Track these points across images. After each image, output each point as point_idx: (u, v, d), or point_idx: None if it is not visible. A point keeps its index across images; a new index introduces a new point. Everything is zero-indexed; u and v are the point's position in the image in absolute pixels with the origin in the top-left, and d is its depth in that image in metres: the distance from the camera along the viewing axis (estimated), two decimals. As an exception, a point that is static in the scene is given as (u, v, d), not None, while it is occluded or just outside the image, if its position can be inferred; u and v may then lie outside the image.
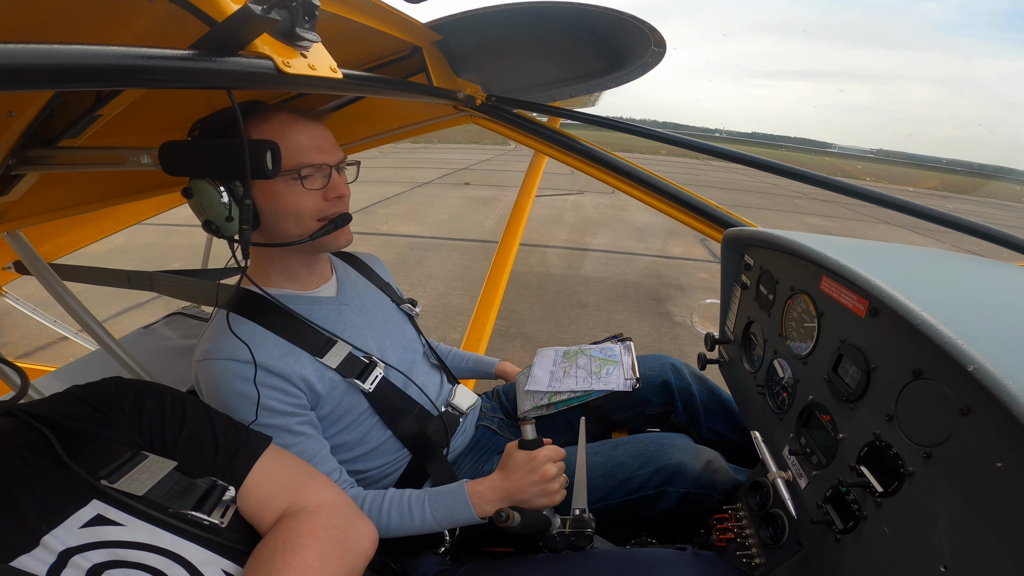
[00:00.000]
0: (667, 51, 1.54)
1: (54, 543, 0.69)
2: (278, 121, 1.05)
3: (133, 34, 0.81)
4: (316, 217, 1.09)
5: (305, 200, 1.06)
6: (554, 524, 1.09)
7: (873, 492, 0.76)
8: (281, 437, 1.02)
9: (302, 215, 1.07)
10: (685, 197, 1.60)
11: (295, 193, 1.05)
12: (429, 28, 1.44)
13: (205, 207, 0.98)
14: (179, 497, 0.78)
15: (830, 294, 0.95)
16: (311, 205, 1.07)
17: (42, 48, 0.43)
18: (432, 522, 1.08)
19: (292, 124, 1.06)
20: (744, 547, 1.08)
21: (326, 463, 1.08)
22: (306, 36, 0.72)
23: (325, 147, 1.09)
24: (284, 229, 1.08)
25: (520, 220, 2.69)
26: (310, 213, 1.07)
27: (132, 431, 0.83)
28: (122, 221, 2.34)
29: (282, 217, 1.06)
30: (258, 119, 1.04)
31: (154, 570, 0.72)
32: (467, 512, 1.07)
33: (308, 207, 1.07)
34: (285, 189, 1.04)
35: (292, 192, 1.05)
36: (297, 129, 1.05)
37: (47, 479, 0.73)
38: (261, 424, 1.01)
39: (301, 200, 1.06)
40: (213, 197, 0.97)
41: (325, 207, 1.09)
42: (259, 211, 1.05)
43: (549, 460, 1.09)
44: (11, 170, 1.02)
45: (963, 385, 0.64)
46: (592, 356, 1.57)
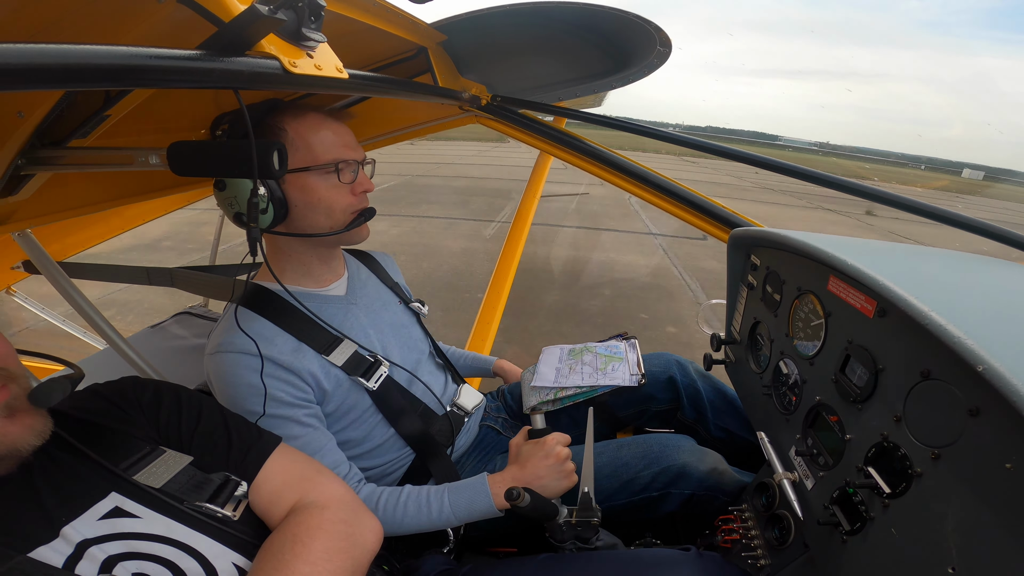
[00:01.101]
0: (672, 50, 1.54)
1: (73, 534, 0.71)
2: (313, 119, 1.11)
3: (141, 34, 0.82)
4: (348, 211, 1.14)
5: (338, 194, 1.12)
6: (561, 513, 1.10)
7: (880, 493, 0.75)
8: (288, 428, 1.05)
9: (334, 208, 1.12)
10: (691, 197, 1.59)
11: (330, 186, 1.10)
12: (434, 28, 1.44)
13: (239, 200, 1.03)
14: (194, 490, 0.81)
15: (838, 294, 0.95)
16: (343, 199, 1.13)
17: (51, 48, 0.43)
18: (450, 514, 1.09)
19: (325, 122, 1.12)
20: (749, 548, 1.07)
21: (332, 455, 1.10)
22: (312, 36, 0.72)
23: (352, 144, 1.15)
24: (314, 222, 1.12)
25: (526, 220, 2.69)
26: (342, 207, 1.13)
27: (150, 427, 0.86)
28: (130, 220, 2.35)
29: (314, 210, 1.10)
30: (290, 115, 1.09)
31: (168, 562, 0.73)
32: (487, 503, 1.09)
33: (341, 201, 1.12)
34: (320, 182, 1.09)
35: (327, 185, 1.10)
36: (329, 127, 1.12)
37: (68, 472, 0.75)
38: (269, 415, 1.04)
39: (335, 194, 1.11)
40: (248, 191, 1.00)
41: (354, 202, 1.15)
42: (289, 203, 1.09)
43: (559, 443, 1.15)
44: (20, 170, 1.03)
45: (972, 386, 0.64)
46: (598, 353, 1.58)
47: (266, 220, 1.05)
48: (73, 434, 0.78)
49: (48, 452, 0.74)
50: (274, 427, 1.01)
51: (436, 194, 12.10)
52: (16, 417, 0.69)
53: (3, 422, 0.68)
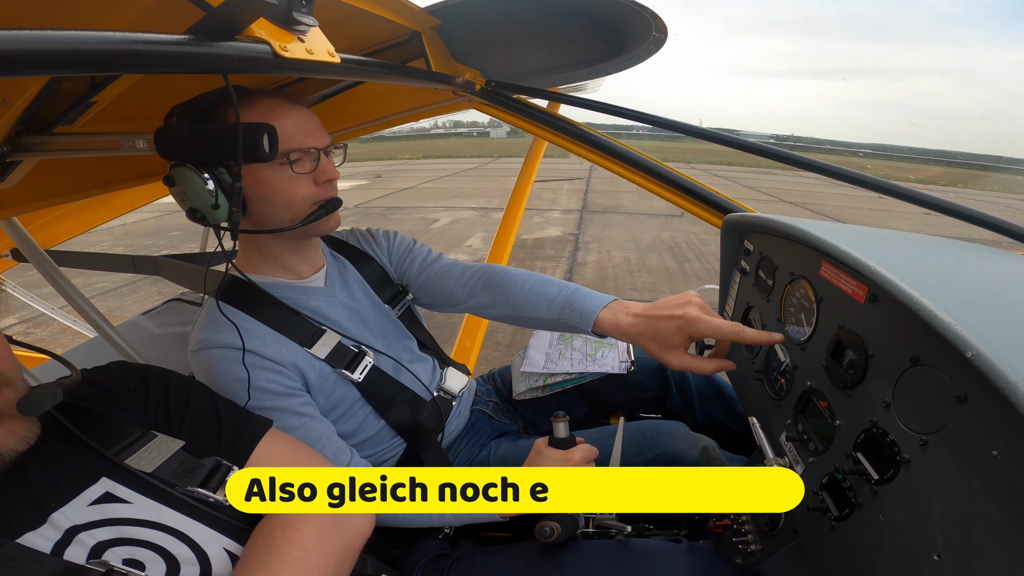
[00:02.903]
0: (668, 37, 1.52)
1: (61, 520, 0.70)
2: (262, 106, 1.02)
3: (129, 19, 0.80)
4: (310, 201, 1.07)
5: (297, 186, 1.04)
6: (579, 525, 1.08)
7: (869, 479, 0.76)
8: (286, 419, 1.03)
9: (294, 201, 1.05)
10: (684, 183, 1.59)
11: (285, 178, 1.03)
12: (428, 13, 1.42)
13: (189, 195, 0.96)
14: (186, 475, 0.81)
15: (829, 280, 0.95)
16: (303, 191, 1.05)
17: (37, 34, 0.42)
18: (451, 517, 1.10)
19: (276, 108, 1.03)
20: (740, 534, 1.09)
21: (334, 444, 1.08)
22: (303, 20, 0.71)
23: (312, 131, 1.06)
24: (274, 215, 1.06)
25: (519, 204, 2.70)
26: (303, 199, 1.05)
27: (139, 412, 0.85)
28: (117, 209, 2.33)
29: (272, 204, 1.04)
30: (240, 104, 1.00)
31: (158, 547, 0.73)
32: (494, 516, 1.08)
33: (301, 192, 1.05)
34: (274, 174, 1.02)
35: (281, 177, 1.03)
36: (282, 113, 1.03)
37: (57, 458, 0.74)
38: (263, 408, 1.01)
39: (293, 186, 1.04)
40: (197, 184, 0.94)
41: (318, 192, 1.07)
42: (246, 197, 1.02)
43: (585, 462, 1.08)
44: (5, 157, 1.02)
45: (961, 372, 0.64)
46: (588, 338, 1.58)
47: (220, 216, 0.97)
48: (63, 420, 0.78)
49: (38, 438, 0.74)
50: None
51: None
52: (3, 423, 0.68)
53: None
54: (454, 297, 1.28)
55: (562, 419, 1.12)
